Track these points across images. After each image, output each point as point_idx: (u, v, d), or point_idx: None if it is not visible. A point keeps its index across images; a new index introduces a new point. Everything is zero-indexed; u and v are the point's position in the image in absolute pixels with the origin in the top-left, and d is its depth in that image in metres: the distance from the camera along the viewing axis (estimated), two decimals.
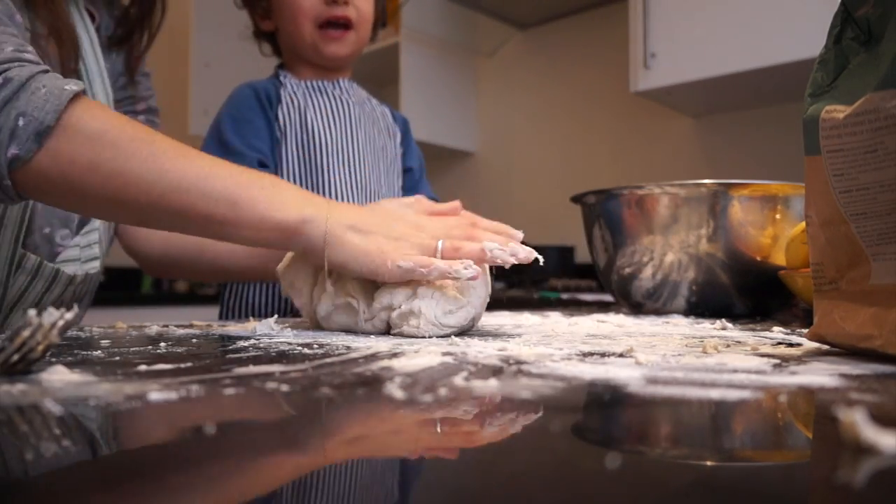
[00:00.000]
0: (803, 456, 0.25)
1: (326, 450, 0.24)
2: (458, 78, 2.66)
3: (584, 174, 2.37)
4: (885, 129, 0.38)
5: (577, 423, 0.28)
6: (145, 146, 0.55)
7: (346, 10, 1.01)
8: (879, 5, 0.41)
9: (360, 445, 0.24)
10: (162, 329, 0.65)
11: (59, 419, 0.26)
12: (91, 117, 0.54)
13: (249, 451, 0.23)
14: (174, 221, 0.57)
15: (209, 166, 0.56)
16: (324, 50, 1.03)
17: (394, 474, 0.22)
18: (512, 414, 0.28)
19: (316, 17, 1.00)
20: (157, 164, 0.54)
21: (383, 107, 1.18)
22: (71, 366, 0.36)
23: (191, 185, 0.55)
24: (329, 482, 0.21)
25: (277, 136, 1.01)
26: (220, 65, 2.64)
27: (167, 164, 0.55)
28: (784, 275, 0.82)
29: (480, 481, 0.20)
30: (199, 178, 0.55)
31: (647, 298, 0.94)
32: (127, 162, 0.54)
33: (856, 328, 0.41)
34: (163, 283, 2.90)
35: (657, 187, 0.89)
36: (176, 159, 0.55)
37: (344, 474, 0.21)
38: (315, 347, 0.48)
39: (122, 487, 0.20)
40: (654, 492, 0.19)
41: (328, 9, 1.00)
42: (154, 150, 0.55)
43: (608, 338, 0.56)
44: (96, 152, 0.53)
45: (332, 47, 1.03)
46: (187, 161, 0.56)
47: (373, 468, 0.22)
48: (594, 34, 2.36)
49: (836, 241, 0.43)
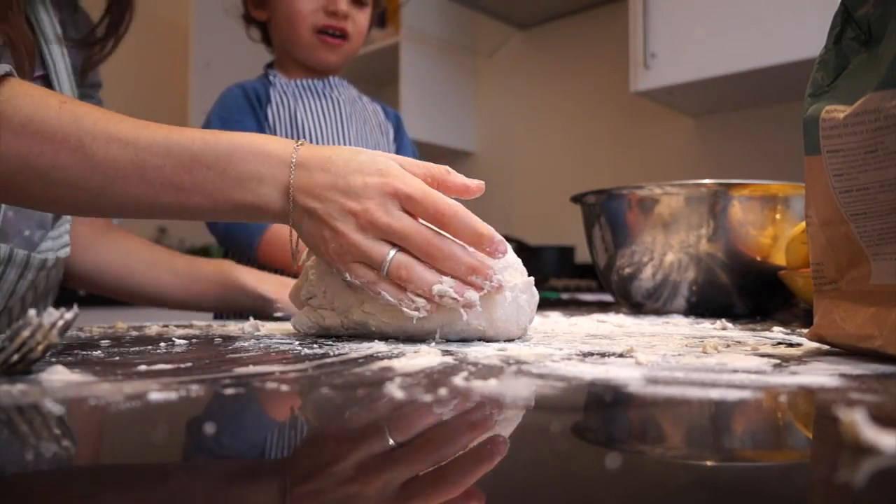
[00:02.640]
0: (803, 456, 0.25)
1: (325, 449, 0.24)
2: (458, 78, 2.66)
3: (584, 174, 2.37)
4: (885, 129, 0.38)
5: (577, 423, 0.28)
6: (73, 134, 0.50)
7: (345, 23, 1.03)
8: (879, 5, 0.41)
9: (360, 445, 0.24)
10: (162, 329, 0.65)
11: (59, 419, 0.26)
12: (16, 106, 0.50)
13: (249, 452, 0.23)
14: (124, 212, 0.54)
15: (145, 149, 0.51)
16: (317, 55, 1.05)
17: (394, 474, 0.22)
18: (512, 414, 0.28)
19: (314, 25, 1.02)
20: (88, 156, 0.50)
21: (375, 104, 1.18)
22: (71, 366, 0.36)
23: (127, 174, 0.50)
24: (329, 482, 0.21)
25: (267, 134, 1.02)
26: (220, 65, 2.64)
27: (98, 154, 0.50)
28: (784, 275, 0.82)
29: (481, 481, 0.20)
30: (135, 165, 0.50)
31: (647, 298, 0.94)
32: (56, 158, 0.50)
33: (856, 328, 0.41)
34: None
35: (657, 187, 0.89)
36: (108, 145, 0.50)
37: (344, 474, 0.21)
38: (315, 347, 0.48)
39: (123, 487, 0.20)
40: (654, 492, 0.19)
41: (327, 19, 1.02)
42: (82, 138, 0.50)
43: (608, 338, 0.56)
44: (25, 147, 0.49)
45: (326, 54, 1.05)
46: (120, 147, 0.50)
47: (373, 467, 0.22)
48: (594, 34, 2.36)
49: (836, 241, 0.43)
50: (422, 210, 0.49)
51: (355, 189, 0.49)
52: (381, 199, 0.48)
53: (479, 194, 0.52)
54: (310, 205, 0.50)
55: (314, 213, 0.50)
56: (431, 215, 0.49)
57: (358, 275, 0.50)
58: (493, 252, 0.49)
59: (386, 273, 0.49)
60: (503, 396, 0.31)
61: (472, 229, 0.49)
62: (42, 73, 0.75)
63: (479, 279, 0.48)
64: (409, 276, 0.48)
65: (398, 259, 0.48)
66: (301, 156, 0.51)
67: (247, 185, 0.51)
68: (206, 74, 2.66)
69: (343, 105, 1.09)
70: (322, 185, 0.50)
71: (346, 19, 1.03)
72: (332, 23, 1.02)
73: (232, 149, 0.51)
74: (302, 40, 1.03)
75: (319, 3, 1.01)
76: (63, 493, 0.19)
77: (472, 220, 0.49)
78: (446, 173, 0.52)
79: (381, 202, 0.48)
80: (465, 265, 0.48)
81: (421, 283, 0.48)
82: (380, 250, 0.49)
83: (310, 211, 0.50)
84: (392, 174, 0.49)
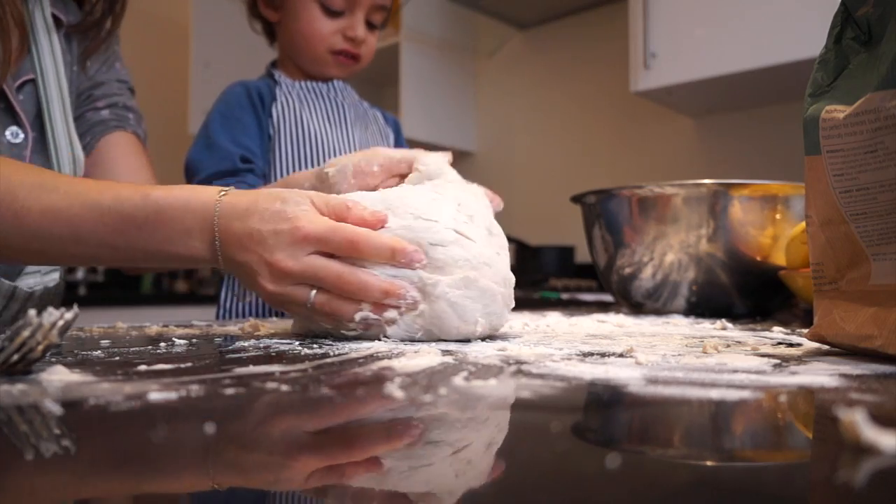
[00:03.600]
0: (803, 456, 0.25)
1: (324, 450, 0.24)
2: (458, 78, 2.66)
3: (584, 174, 2.37)
4: (885, 129, 0.38)
5: (577, 423, 0.28)
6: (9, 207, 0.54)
7: (360, 48, 1.04)
8: (879, 5, 0.41)
9: (359, 446, 0.24)
10: (162, 329, 0.65)
11: (59, 419, 0.26)
12: None
13: (248, 451, 0.23)
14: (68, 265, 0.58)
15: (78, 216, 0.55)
16: (327, 72, 1.06)
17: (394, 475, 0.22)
18: (512, 414, 0.28)
19: (330, 47, 1.03)
20: (24, 227, 0.54)
21: (375, 109, 1.19)
22: (71, 366, 0.36)
23: (64, 240, 0.55)
24: (327, 482, 0.21)
25: (270, 133, 1.02)
26: (220, 65, 2.64)
27: (33, 225, 0.54)
28: (784, 275, 0.82)
29: (481, 481, 0.20)
30: (71, 232, 0.55)
31: (647, 298, 0.94)
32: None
33: (856, 328, 0.41)
34: (163, 283, 2.90)
35: (657, 187, 0.89)
36: (42, 217, 0.54)
37: (342, 474, 0.21)
38: (315, 347, 0.48)
39: (123, 487, 0.20)
40: (654, 492, 0.19)
41: (344, 43, 1.03)
42: (17, 211, 0.54)
43: (608, 338, 0.56)
44: None
45: (336, 71, 1.07)
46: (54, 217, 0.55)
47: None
48: (594, 34, 2.36)
49: (836, 241, 0.43)
50: (334, 246, 0.51)
51: (267, 241, 0.52)
52: (290, 248, 0.51)
53: (379, 227, 0.53)
54: (234, 256, 0.53)
55: (238, 264, 0.53)
56: (344, 249, 0.51)
57: (295, 312, 0.54)
58: (409, 264, 0.51)
59: (311, 311, 0.52)
60: (503, 396, 0.31)
61: (384, 249, 0.51)
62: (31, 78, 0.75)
63: (394, 301, 0.51)
64: (332, 311, 0.51)
65: (318, 299, 0.52)
66: (223, 207, 0.54)
67: (177, 240, 0.54)
68: (206, 74, 2.66)
69: (347, 109, 1.09)
70: (241, 236, 0.53)
71: (363, 44, 1.04)
72: (349, 48, 1.03)
73: (159, 208, 0.54)
74: (315, 57, 1.05)
75: (339, 26, 1.02)
76: (63, 492, 0.19)
77: (382, 241, 0.51)
78: (346, 209, 0.53)
79: (291, 252, 0.51)
80: (377, 291, 0.51)
81: (343, 315, 0.51)
82: (300, 294, 0.52)
83: (237, 264, 0.53)
84: (300, 219, 0.51)
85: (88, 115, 0.84)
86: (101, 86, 0.85)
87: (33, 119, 0.75)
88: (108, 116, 0.85)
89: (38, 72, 0.76)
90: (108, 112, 0.86)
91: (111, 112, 0.86)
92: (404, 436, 0.26)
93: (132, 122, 0.88)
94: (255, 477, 0.21)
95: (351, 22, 1.02)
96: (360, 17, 1.02)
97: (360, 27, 1.02)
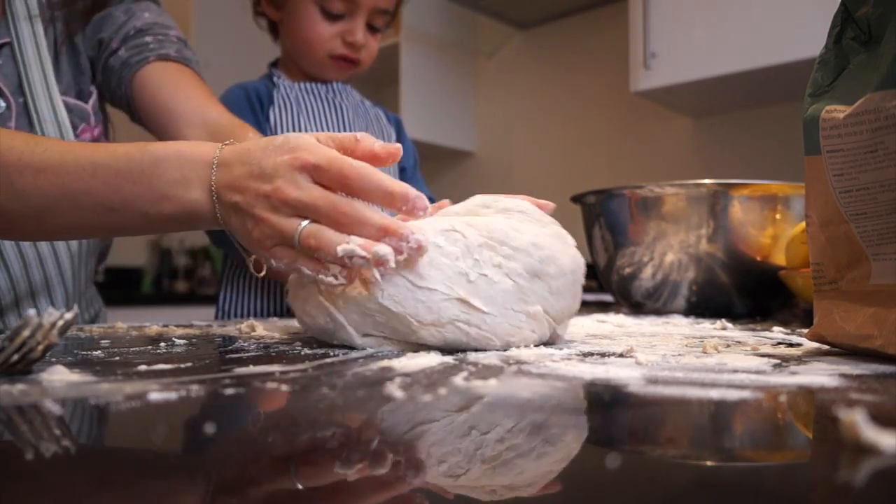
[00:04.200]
0: (803, 456, 0.25)
1: (323, 450, 0.24)
2: (458, 78, 2.66)
3: (584, 174, 2.37)
4: (885, 129, 0.38)
5: (576, 423, 0.28)
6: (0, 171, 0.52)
7: (360, 53, 1.04)
8: (879, 5, 0.41)
9: (358, 446, 0.24)
10: (162, 329, 0.65)
11: (59, 419, 0.26)
12: None
13: (249, 451, 0.23)
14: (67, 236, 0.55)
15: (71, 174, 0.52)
16: (326, 75, 1.06)
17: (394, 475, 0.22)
18: (512, 414, 0.28)
19: (330, 51, 1.02)
20: (17, 191, 0.52)
21: (377, 109, 1.19)
22: (71, 366, 0.36)
23: (59, 202, 0.53)
24: (326, 482, 0.21)
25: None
26: (220, 65, 2.64)
27: (27, 188, 0.52)
28: (784, 275, 0.82)
29: (480, 482, 0.20)
30: (65, 193, 0.52)
31: (647, 298, 0.94)
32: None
33: (856, 328, 0.41)
34: (163, 283, 2.90)
35: (657, 187, 0.89)
36: (35, 177, 0.52)
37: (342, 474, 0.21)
38: (315, 347, 0.48)
39: (123, 487, 0.20)
40: (654, 492, 0.19)
41: (344, 48, 1.02)
42: (9, 174, 0.52)
43: (608, 338, 0.56)
44: None
45: (336, 74, 1.06)
46: (47, 177, 0.52)
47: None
48: (594, 34, 2.36)
49: (836, 241, 0.43)
50: (328, 177, 0.47)
51: (267, 171, 0.48)
52: (290, 175, 0.47)
53: (391, 161, 0.50)
54: (232, 199, 0.50)
55: (237, 207, 0.50)
56: (337, 181, 0.47)
57: (278, 256, 0.49)
58: (410, 211, 0.46)
59: (298, 245, 0.47)
60: (503, 396, 0.31)
61: (380, 189, 0.46)
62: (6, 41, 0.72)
63: (394, 240, 0.44)
64: (318, 244, 0.46)
65: (307, 229, 0.47)
66: (223, 154, 0.51)
67: (174, 192, 0.52)
68: (206, 74, 2.65)
69: (346, 110, 1.09)
70: (240, 177, 0.49)
71: (363, 49, 1.03)
72: (348, 53, 1.02)
73: (156, 159, 0.52)
74: (315, 60, 1.04)
75: (338, 30, 1.01)
76: (63, 492, 0.19)
77: (379, 180, 0.46)
78: (355, 141, 0.50)
79: (291, 178, 0.47)
80: (375, 226, 0.45)
81: (328, 246, 0.45)
82: (290, 224, 0.47)
83: (233, 205, 0.50)
84: (302, 148, 0.48)
85: (111, 64, 0.79)
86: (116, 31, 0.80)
87: (15, 88, 0.72)
88: (126, 55, 0.79)
89: (13, 34, 0.72)
90: (124, 51, 0.79)
91: (126, 49, 0.79)
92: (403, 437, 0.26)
93: (152, 46, 0.80)
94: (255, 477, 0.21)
95: (351, 26, 1.00)
96: (361, 21, 1.01)
97: (360, 32, 1.01)
